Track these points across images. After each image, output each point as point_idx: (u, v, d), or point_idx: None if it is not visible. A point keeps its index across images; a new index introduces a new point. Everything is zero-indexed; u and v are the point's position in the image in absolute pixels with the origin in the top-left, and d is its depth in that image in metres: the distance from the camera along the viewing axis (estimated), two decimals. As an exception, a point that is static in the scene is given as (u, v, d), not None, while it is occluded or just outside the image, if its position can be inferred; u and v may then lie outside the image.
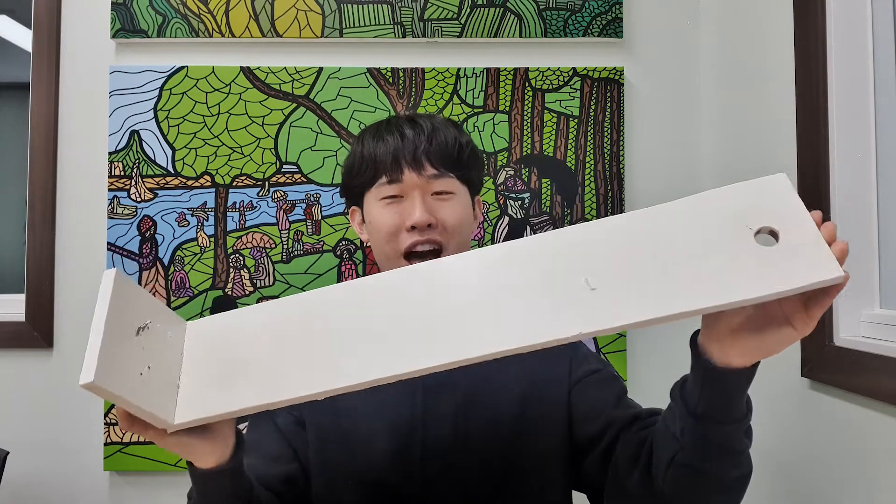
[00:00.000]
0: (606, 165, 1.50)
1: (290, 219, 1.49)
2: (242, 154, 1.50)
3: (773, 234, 0.63)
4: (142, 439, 1.45)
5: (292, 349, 0.66)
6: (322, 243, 1.49)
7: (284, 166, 1.49)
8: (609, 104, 1.51)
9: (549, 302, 0.63)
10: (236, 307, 1.46)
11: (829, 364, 1.09)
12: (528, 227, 1.50)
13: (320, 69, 1.50)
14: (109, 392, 0.59)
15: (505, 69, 1.51)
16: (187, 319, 0.72)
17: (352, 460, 0.88)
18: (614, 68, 1.51)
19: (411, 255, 0.90)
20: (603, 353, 1.47)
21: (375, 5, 1.52)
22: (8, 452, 1.36)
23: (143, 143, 1.49)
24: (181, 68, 1.50)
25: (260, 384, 0.64)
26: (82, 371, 0.58)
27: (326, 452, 0.89)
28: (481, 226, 1.49)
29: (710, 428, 0.69)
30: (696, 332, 0.70)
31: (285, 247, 1.49)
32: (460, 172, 0.93)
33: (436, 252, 0.90)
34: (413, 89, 1.51)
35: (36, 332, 1.50)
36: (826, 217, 1.07)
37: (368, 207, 0.94)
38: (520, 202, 1.50)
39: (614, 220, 0.68)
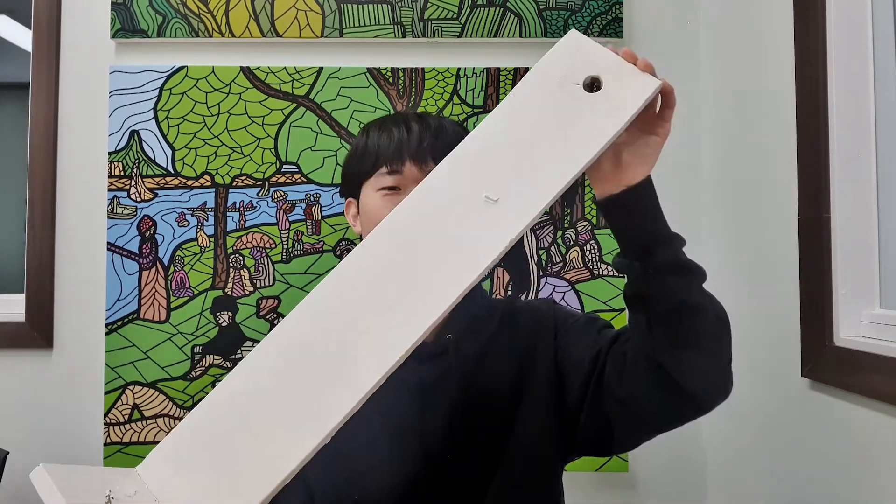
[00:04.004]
0: (606, 165, 1.50)
1: (290, 219, 1.49)
2: (242, 154, 1.50)
3: (596, 81, 0.74)
4: (142, 439, 1.45)
5: (266, 418, 0.63)
6: (322, 243, 1.49)
7: (284, 166, 1.49)
8: (609, 104, 1.51)
9: (463, 234, 0.68)
10: (236, 307, 1.47)
11: (829, 364, 1.09)
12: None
13: (320, 69, 1.50)
14: None
15: (505, 69, 1.51)
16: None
17: (355, 472, 0.87)
18: (614, 68, 1.51)
19: None
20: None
21: (375, 5, 1.52)
22: (8, 452, 1.36)
23: (143, 143, 1.49)
24: (181, 68, 1.50)
25: (256, 473, 0.61)
26: None
27: (328, 468, 0.87)
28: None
29: (652, 256, 0.75)
30: (594, 196, 0.79)
31: (285, 247, 1.49)
32: None
33: None
34: (413, 89, 1.51)
35: (36, 332, 1.50)
36: (826, 218, 1.08)
37: (365, 198, 0.93)
38: (520, 202, 1.50)
39: (477, 131, 0.74)
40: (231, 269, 1.48)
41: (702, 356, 0.77)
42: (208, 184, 1.49)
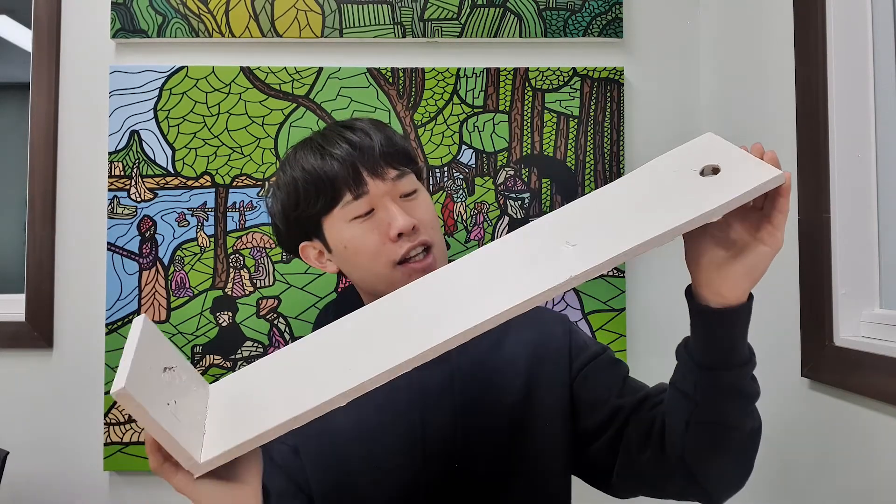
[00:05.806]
0: (606, 165, 1.50)
1: (290, 219, 1.49)
2: (242, 154, 1.50)
3: (715, 170, 0.71)
4: (141, 439, 1.45)
5: (309, 371, 0.68)
6: (322, 243, 1.49)
7: (284, 166, 1.49)
8: (609, 104, 1.51)
9: (534, 267, 0.69)
10: (236, 307, 1.47)
11: (829, 364, 1.09)
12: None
13: (320, 69, 1.50)
14: (140, 405, 0.59)
15: (505, 69, 1.51)
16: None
17: (354, 480, 0.86)
18: (614, 68, 1.51)
19: (405, 261, 0.86)
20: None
21: (375, 5, 1.52)
22: (8, 452, 1.36)
23: (143, 143, 1.49)
24: (181, 68, 1.50)
25: (279, 406, 0.65)
26: (115, 379, 0.60)
27: (327, 477, 0.87)
28: (481, 226, 1.49)
29: (720, 374, 0.72)
30: (690, 286, 0.74)
31: (285, 247, 1.49)
32: (412, 167, 0.91)
33: (427, 250, 0.87)
34: (413, 89, 1.51)
35: (36, 332, 1.50)
36: (826, 218, 1.08)
37: (336, 234, 0.87)
38: (520, 202, 1.50)
39: (583, 199, 0.76)
40: (231, 269, 1.48)
41: (728, 464, 0.78)
42: (208, 184, 1.49)
